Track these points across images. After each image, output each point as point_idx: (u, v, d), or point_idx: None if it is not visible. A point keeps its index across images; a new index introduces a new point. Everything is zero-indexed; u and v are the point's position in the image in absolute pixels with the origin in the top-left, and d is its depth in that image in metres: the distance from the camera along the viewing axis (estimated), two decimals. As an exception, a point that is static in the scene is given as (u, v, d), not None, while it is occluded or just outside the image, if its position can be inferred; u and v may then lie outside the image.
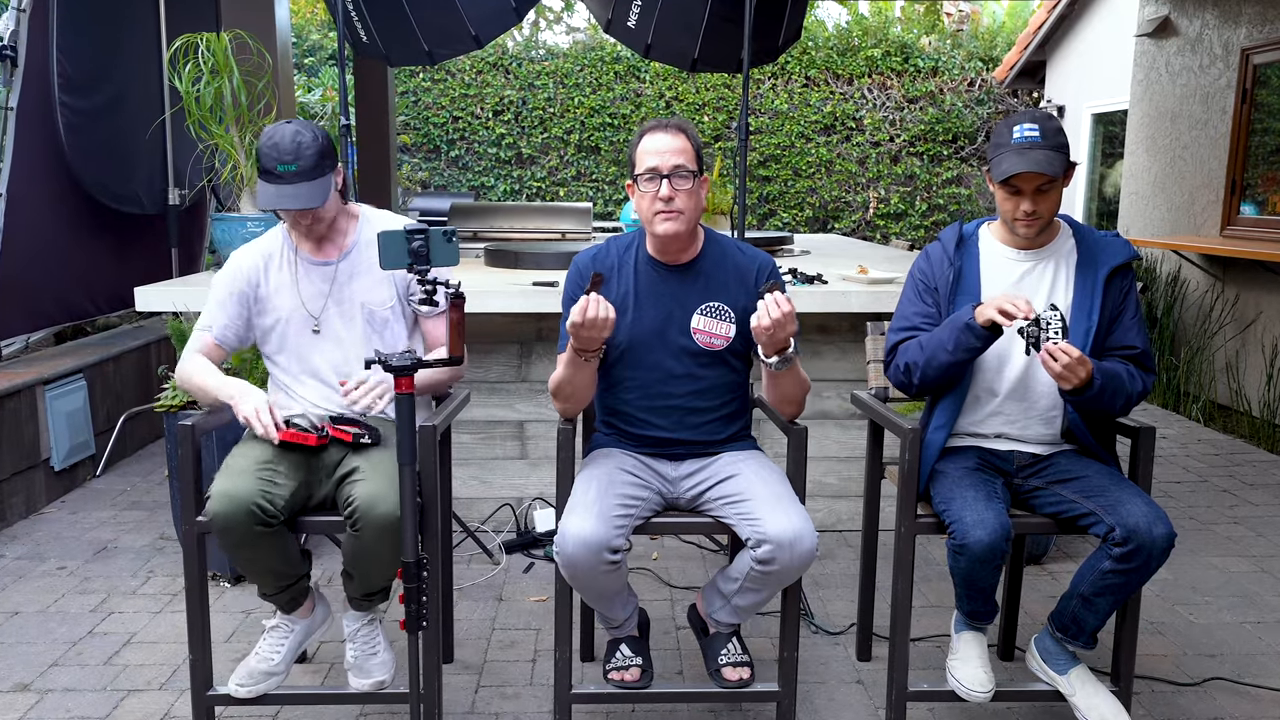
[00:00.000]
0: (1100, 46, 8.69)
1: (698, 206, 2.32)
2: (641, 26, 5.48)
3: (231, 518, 2.18)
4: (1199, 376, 6.02)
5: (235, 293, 2.50)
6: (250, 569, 2.31)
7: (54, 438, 4.23)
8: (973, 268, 2.45)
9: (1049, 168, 2.24)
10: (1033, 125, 2.28)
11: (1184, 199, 6.46)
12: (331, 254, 2.52)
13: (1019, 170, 2.25)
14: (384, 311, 2.52)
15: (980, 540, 2.19)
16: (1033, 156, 2.25)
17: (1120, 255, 2.40)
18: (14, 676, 2.77)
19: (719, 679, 2.37)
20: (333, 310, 2.50)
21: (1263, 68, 5.71)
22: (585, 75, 10.82)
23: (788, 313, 2.12)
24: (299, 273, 2.50)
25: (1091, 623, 2.31)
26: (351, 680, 2.39)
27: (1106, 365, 2.30)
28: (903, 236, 10.93)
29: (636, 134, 2.35)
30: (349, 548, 2.31)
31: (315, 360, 2.51)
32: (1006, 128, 2.33)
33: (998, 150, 2.33)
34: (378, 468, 2.31)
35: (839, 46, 10.91)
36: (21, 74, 4.25)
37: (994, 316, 2.19)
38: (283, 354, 2.54)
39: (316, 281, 2.50)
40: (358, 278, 2.51)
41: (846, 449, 3.85)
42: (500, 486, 3.84)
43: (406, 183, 10.85)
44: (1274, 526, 4.04)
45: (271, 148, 2.34)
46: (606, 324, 2.15)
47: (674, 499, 2.41)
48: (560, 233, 5.19)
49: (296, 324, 2.51)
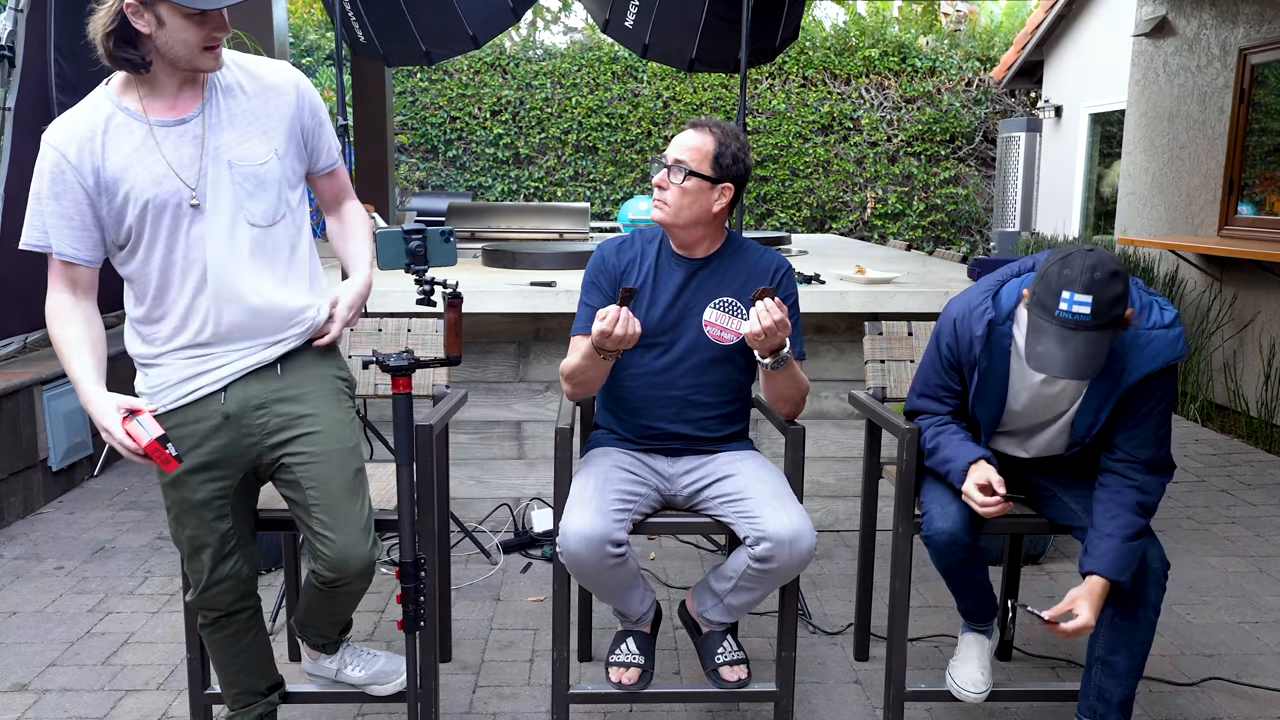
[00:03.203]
0: (1098, 46, 8.70)
1: (692, 206, 2.31)
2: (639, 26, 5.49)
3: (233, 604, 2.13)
4: (1197, 376, 6.02)
5: (71, 183, 1.92)
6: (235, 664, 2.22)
7: (52, 438, 4.23)
8: (1001, 369, 2.23)
9: (1089, 370, 1.94)
10: (1085, 297, 1.93)
11: (1182, 199, 6.47)
12: (190, 105, 1.97)
13: (1055, 373, 1.96)
14: (258, 169, 2.00)
15: (941, 530, 2.21)
16: (1073, 350, 1.95)
17: (1157, 361, 2.09)
18: (12, 676, 2.76)
19: (717, 678, 2.37)
20: (207, 173, 1.97)
21: (1260, 68, 5.72)
22: (583, 75, 10.82)
23: (779, 320, 2.12)
24: (158, 138, 1.95)
25: (1116, 691, 2.18)
26: (376, 690, 2.38)
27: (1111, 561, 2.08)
28: (900, 236, 10.94)
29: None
30: (318, 602, 2.19)
31: (195, 250, 1.98)
32: (1055, 285, 1.96)
33: (1038, 315, 2.00)
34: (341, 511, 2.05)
35: (836, 46, 10.92)
36: (20, 75, 4.25)
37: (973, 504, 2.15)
38: (149, 254, 1.99)
39: (180, 143, 1.95)
40: (219, 129, 1.98)
41: (844, 449, 3.86)
42: (498, 487, 3.84)
43: (404, 183, 10.85)
44: (1272, 526, 4.05)
45: None
46: (633, 340, 2.19)
47: (671, 496, 2.41)
48: (558, 233, 5.19)
49: (171, 203, 1.95)
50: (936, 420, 2.35)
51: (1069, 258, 1.97)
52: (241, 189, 1.98)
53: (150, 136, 1.94)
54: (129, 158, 1.93)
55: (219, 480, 2.07)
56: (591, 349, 2.24)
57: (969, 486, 2.16)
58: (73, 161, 1.91)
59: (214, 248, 1.98)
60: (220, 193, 1.97)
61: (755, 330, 2.13)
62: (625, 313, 2.14)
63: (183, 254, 1.98)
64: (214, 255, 1.98)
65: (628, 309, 2.15)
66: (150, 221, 1.96)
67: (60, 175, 1.92)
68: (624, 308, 2.14)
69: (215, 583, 2.11)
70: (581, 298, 2.45)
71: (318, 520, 2.05)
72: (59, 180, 1.92)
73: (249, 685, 2.25)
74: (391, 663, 2.40)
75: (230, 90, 2.01)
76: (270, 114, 2.03)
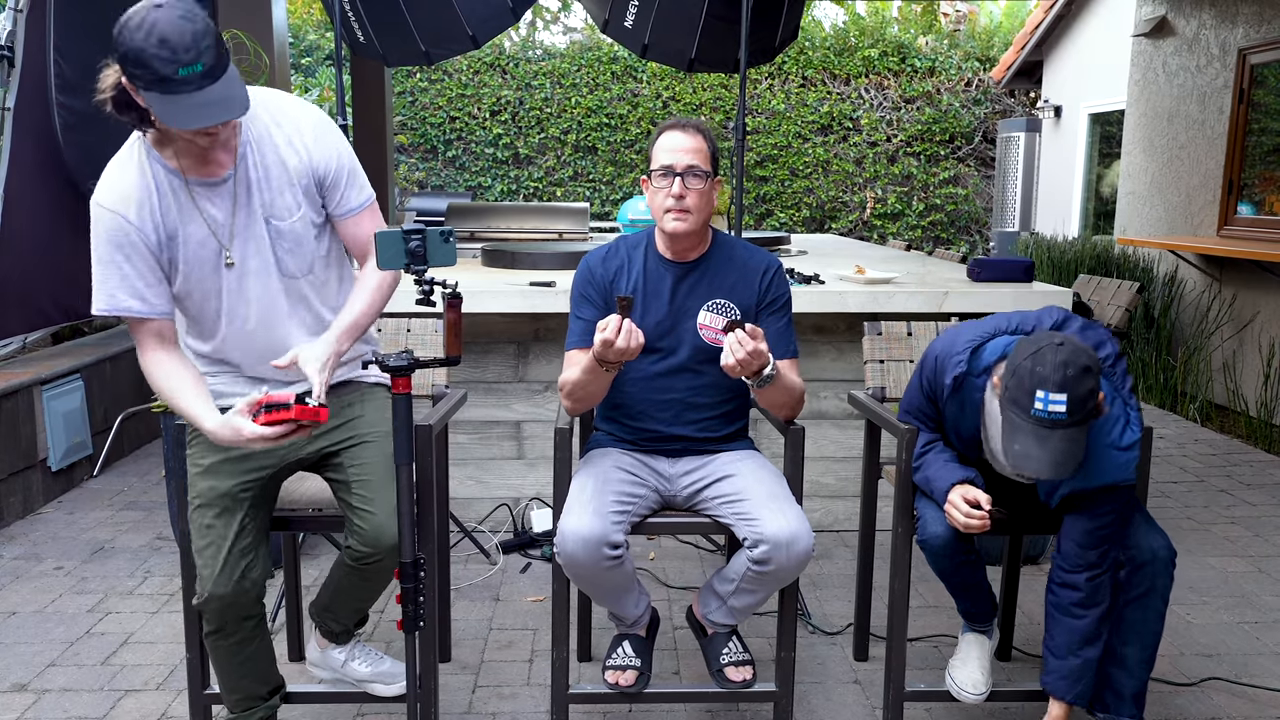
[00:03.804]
0: (1097, 46, 8.70)
1: (708, 207, 2.34)
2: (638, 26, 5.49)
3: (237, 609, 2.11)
4: (1196, 376, 6.03)
5: (138, 242, 1.98)
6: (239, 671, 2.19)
7: (51, 438, 4.23)
8: (970, 423, 2.26)
9: (1067, 467, 1.92)
10: (1060, 396, 1.89)
11: (1181, 199, 6.47)
12: (225, 163, 2.00)
13: (1029, 472, 1.95)
14: (292, 224, 2.06)
15: (936, 534, 2.22)
16: (1051, 449, 1.92)
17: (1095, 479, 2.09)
18: (11, 677, 2.76)
19: (722, 679, 2.37)
20: (242, 233, 2.03)
21: (1260, 68, 5.72)
22: (582, 75, 10.82)
23: (753, 350, 2.11)
24: (196, 199, 2.00)
25: (1128, 683, 2.18)
26: (379, 690, 2.38)
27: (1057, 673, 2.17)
28: (900, 236, 10.94)
29: (656, 130, 2.38)
30: (347, 583, 2.20)
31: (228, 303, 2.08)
32: (1029, 384, 1.92)
33: (1013, 411, 1.96)
34: (377, 490, 2.13)
35: (836, 46, 10.92)
36: (19, 75, 4.25)
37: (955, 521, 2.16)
38: (191, 303, 2.09)
39: (217, 204, 2.01)
40: (258, 188, 2.03)
41: (843, 449, 3.86)
42: (497, 487, 3.84)
43: (404, 183, 10.85)
44: (1271, 526, 4.05)
45: (159, 46, 1.71)
46: (636, 352, 2.16)
47: (670, 497, 2.41)
48: (557, 233, 5.19)
49: (208, 260, 2.03)
50: (921, 443, 2.35)
51: (1040, 353, 1.93)
52: (277, 244, 2.07)
53: (190, 197, 2.00)
54: (176, 218, 2.00)
55: (255, 471, 2.14)
56: (593, 362, 2.22)
57: (953, 499, 2.15)
58: (134, 222, 1.98)
59: (249, 303, 2.09)
60: (256, 251, 2.06)
61: (730, 363, 2.13)
62: (628, 324, 2.12)
63: (223, 306, 2.08)
64: (250, 311, 2.09)
65: (629, 319, 2.13)
66: (194, 278, 2.05)
67: (125, 237, 1.98)
68: (626, 318, 2.12)
69: (225, 583, 2.08)
70: (572, 311, 2.43)
71: (358, 496, 2.12)
72: (125, 242, 1.98)
73: (251, 691, 2.24)
74: (397, 665, 2.41)
75: (261, 141, 2.04)
76: (294, 159, 2.07)
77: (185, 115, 1.77)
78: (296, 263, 2.10)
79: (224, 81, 1.80)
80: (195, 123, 1.79)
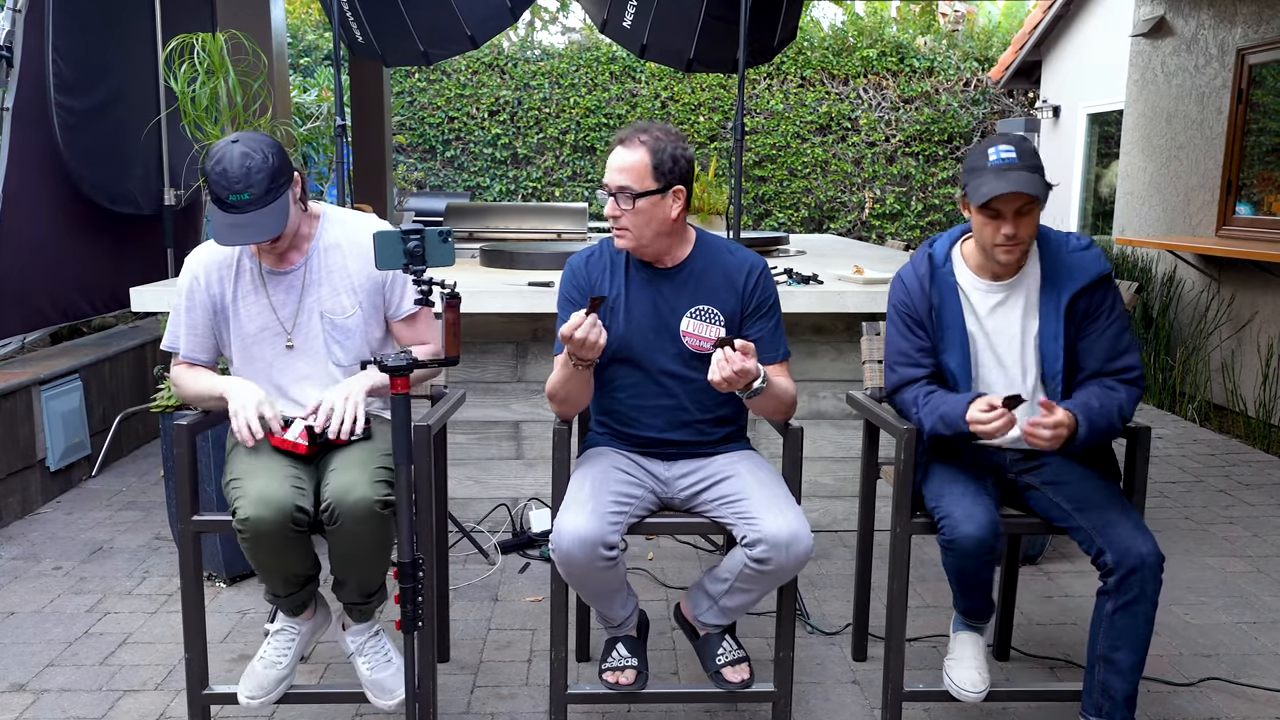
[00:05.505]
0: (1096, 46, 8.70)
1: (653, 223, 2.28)
2: (637, 27, 5.49)
3: (272, 523, 2.14)
4: (1195, 376, 6.03)
5: (200, 302, 2.39)
6: (273, 573, 2.26)
7: (50, 438, 4.23)
8: (954, 305, 2.38)
9: (1030, 188, 2.18)
10: (1008, 147, 2.23)
11: (1180, 199, 6.48)
12: (295, 259, 2.39)
13: (1000, 192, 2.18)
14: (345, 321, 2.41)
15: (969, 535, 2.20)
16: (1012, 177, 2.19)
17: (1085, 276, 2.32)
18: (10, 677, 2.76)
19: (720, 680, 2.36)
20: (302, 321, 2.40)
21: (1258, 68, 5.73)
22: (581, 75, 10.82)
23: (740, 369, 2.11)
24: (267, 283, 2.39)
25: (1120, 687, 2.20)
26: (372, 698, 2.36)
27: (1084, 404, 2.23)
28: (898, 236, 10.94)
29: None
30: (333, 547, 2.25)
31: (285, 378, 2.42)
32: (981, 151, 2.27)
33: (974, 174, 2.26)
34: (349, 457, 2.28)
35: (834, 47, 10.92)
36: (17, 74, 4.25)
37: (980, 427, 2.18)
38: (249, 369, 2.43)
39: (283, 292, 2.39)
40: (318, 285, 2.40)
41: (842, 449, 3.86)
42: (496, 487, 3.84)
43: (402, 183, 10.85)
44: (1270, 527, 4.05)
45: (220, 176, 2.16)
46: (596, 347, 2.17)
47: (668, 499, 2.41)
48: (556, 233, 5.19)
49: (269, 339, 2.40)
50: (921, 391, 2.37)
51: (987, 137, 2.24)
52: (330, 336, 2.41)
53: (262, 282, 2.38)
54: (243, 297, 2.38)
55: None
56: (566, 359, 2.24)
57: (972, 415, 2.18)
58: (203, 284, 2.39)
59: (298, 380, 2.42)
60: (311, 338, 2.41)
61: (717, 379, 2.13)
62: (592, 318, 2.13)
63: (272, 374, 2.42)
64: (302, 388, 2.41)
65: (595, 315, 2.14)
66: (253, 352, 2.41)
67: (193, 293, 2.40)
68: (592, 314, 2.13)
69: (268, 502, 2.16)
70: (559, 314, 2.44)
71: (332, 465, 2.29)
72: (192, 297, 2.40)
73: (289, 582, 2.31)
74: (396, 679, 2.38)
75: (331, 249, 2.41)
76: (358, 270, 2.41)
77: (221, 232, 2.18)
78: (345, 354, 2.43)
79: (266, 210, 2.18)
80: (225, 241, 2.18)
